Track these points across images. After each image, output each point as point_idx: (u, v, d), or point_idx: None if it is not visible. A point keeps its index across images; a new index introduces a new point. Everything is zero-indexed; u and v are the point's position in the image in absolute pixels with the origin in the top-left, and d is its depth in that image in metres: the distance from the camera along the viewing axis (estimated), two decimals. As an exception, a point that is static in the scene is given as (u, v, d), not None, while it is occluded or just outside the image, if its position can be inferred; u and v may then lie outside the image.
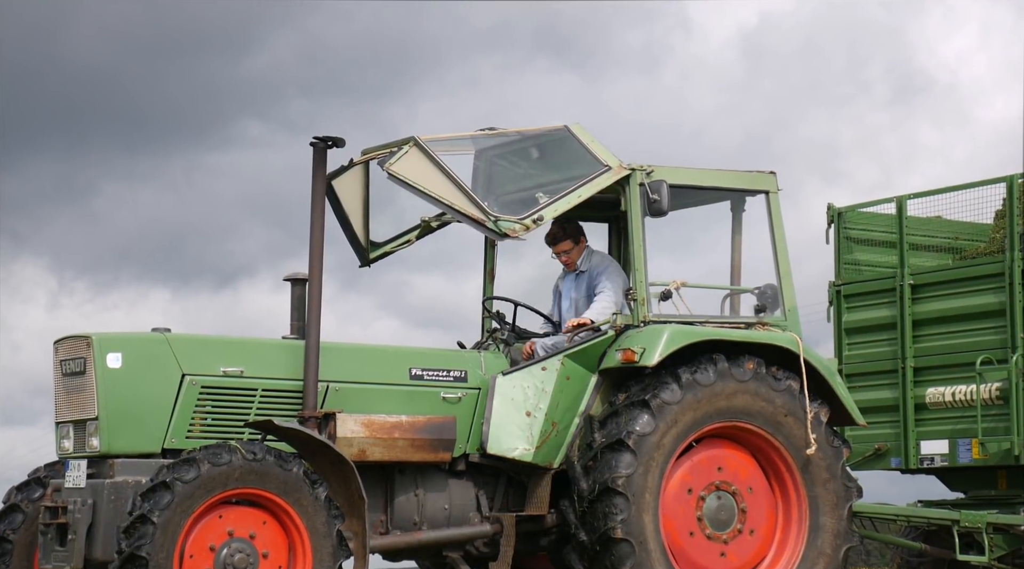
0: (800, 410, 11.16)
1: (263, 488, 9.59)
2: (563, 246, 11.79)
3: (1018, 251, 13.40)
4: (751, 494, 11.13)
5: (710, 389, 10.86)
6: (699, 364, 10.88)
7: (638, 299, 11.09)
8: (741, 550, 11.16)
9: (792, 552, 11.28)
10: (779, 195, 11.74)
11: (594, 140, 11.31)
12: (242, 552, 9.57)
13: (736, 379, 10.93)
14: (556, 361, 11.13)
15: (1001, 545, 13.46)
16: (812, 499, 11.25)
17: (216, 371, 10.20)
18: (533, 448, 10.92)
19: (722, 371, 10.91)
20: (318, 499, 9.71)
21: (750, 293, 11.83)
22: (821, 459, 11.27)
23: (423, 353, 11.01)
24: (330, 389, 10.46)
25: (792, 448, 11.18)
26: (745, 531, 11.14)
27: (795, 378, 11.17)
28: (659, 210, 11.05)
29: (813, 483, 11.24)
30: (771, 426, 11.10)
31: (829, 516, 11.29)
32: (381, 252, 12.26)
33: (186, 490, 9.31)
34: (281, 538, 9.71)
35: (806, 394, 11.20)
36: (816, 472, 11.24)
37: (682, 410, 10.77)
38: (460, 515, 10.92)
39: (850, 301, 14.71)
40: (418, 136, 10.92)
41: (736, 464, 11.11)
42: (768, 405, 11.07)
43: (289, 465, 9.65)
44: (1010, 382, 13.25)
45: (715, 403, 10.90)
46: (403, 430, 10.47)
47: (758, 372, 11.02)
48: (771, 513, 11.26)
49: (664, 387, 10.74)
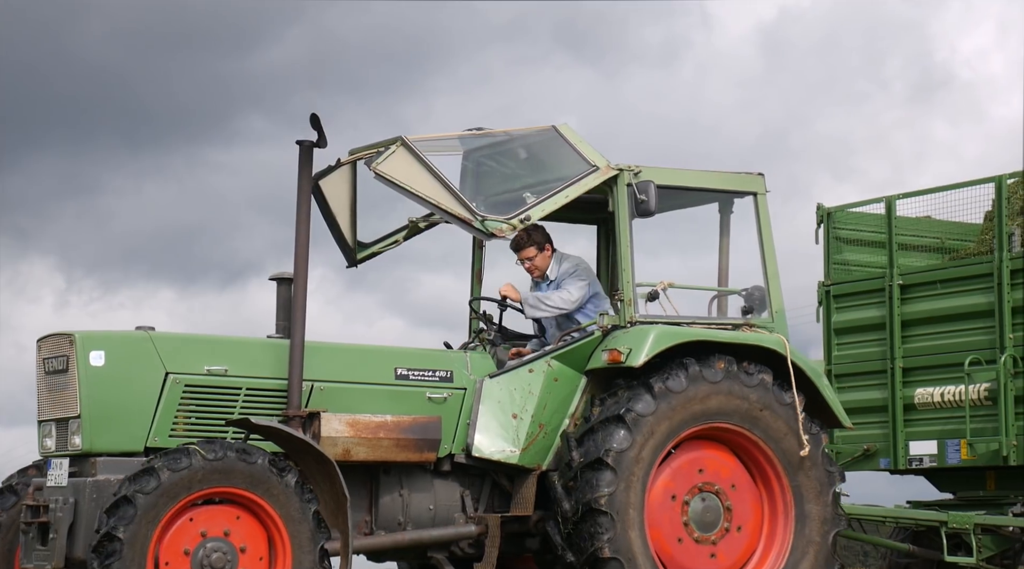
0: (775, 402, 11.10)
1: (229, 485, 9.55)
2: (526, 253, 11.65)
3: (1007, 251, 13.39)
4: (734, 491, 11.11)
5: (683, 395, 10.80)
6: (670, 371, 10.83)
7: (625, 299, 11.06)
8: (730, 548, 11.13)
9: (781, 543, 11.25)
10: (767, 196, 11.72)
11: (582, 140, 11.29)
12: (218, 550, 9.55)
13: (708, 380, 10.89)
14: (543, 363, 11.11)
15: (989, 546, 13.46)
16: (795, 489, 11.20)
17: (200, 370, 10.18)
18: (519, 450, 10.90)
19: (693, 375, 10.87)
20: (288, 486, 9.67)
21: (738, 295, 11.81)
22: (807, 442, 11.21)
23: (408, 353, 10.98)
24: (315, 388, 10.44)
25: (771, 441, 11.12)
26: (733, 529, 11.11)
27: (767, 371, 11.12)
28: (646, 211, 11.02)
29: (795, 473, 11.19)
30: (748, 422, 11.04)
31: (814, 503, 11.24)
32: (369, 252, 12.23)
33: (149, 501, 9.28)
34: (258, 530, 9.68)
35: (795, 395, 11.17)
36: (797, 462, 11.20)
37: (657, 420, 10.71)
38: (445, 516, 10.89)
39: (839, 301, 14.71)
40: (405, 136, 10.90)
41: (717, 463, 11.08)
42: (743, 402, 11.02)
43: (252, 457, 9.61)
44: (998, 383, 13.25)
45: (690, 408, 10.84)
46: (388, 430, 10.44)
47: (729, 370, 10.98)
48: (756, 507, 11.23)
49: (637, 399, 10.70)
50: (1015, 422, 13.24)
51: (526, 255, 11.73)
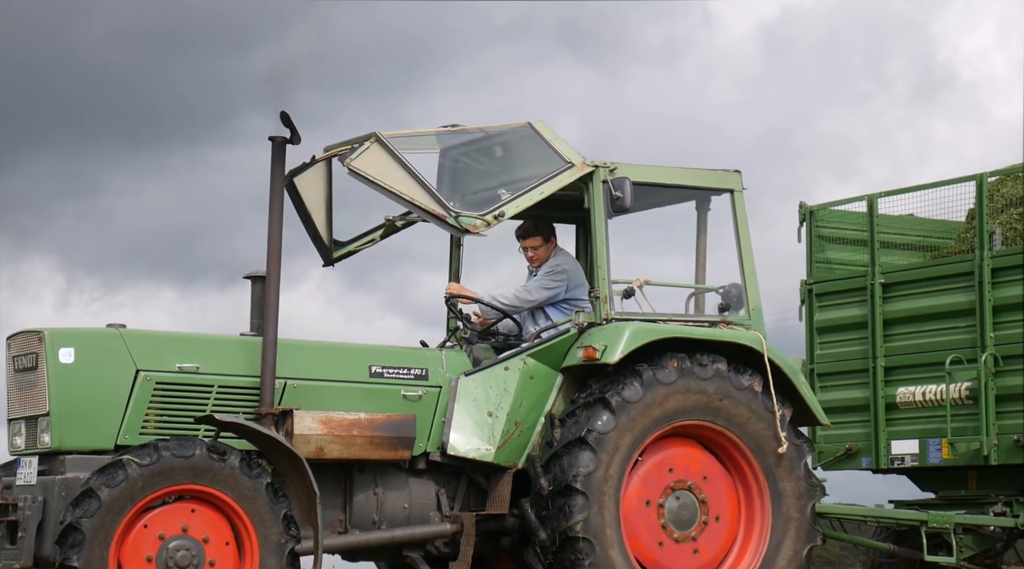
0: (733, 389, 11.06)
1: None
2: (532, 242, 11.71)
3: (987, 250, 13.33)
4: (707, 482, 11.06)
5: (641, 403, 10.77)
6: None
7: (600, 297, 11.02)
8: (712, 540, 11.10)
9: (760, 526, 11.21)
10: (743, 194, 11.68)
11: (557, 137, 11.26)
12: (184, 549, 9.49)
13: (663, 382, 10.85)
14: (519, 360, 11.08)
15: (970, 546, 13.37)
16: (767, 469, 11.18)
17: (171, 367, 10.13)
18: (494, 448, 10.85)
19: (648, 380, 10.83)
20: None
21: (715, 292, 11.77)
22: (767, 428, 11.17)
23: (383, 351, 10.94)
24: (288, 386, 10.39)
25: (735, 427, 11.08)
26: (711, 520, 11.07)
27: (721, 360, 11.09)
28: (622, 207, 10.98)
29: (764, 454, 11.16)
30: (710, 414, 11.03)
31: (787, 480, 11.23)
32: (345, 251, 12.19)
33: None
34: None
35: (772, 392, 11.14)
36: (765, 442, 11.15)
37: (620, 434, 10.68)
38: (420, 514, 10.84)
39: (821, 300, 14.62)
40: (379, 132, 10.86)
41: (685, 459, 11.03)
42: (701, 396, 10.99)
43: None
44: (979, 382, 13.18)
45: (650, 414, 10.81)
46: (362, 427, 10.40)
47: (683, 367, 10.95)
48: (731, 494, 11.20)
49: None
50: (996, 421, 13.16)
51: (532, 244, 11.76)
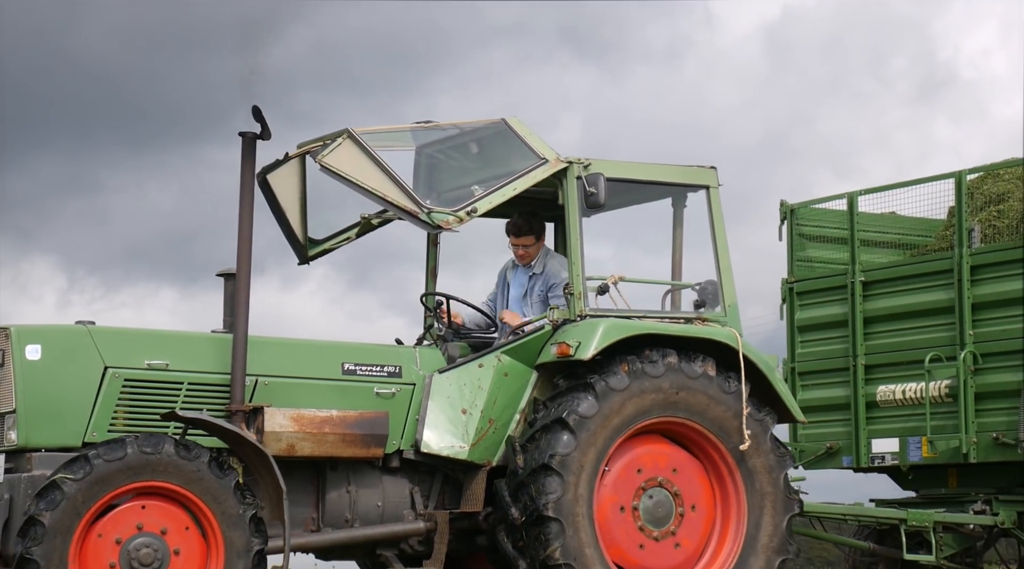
0: (688, 379, 10.93)
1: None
2: (526, 240, 11.65)
3: (966, 247, 13.30)
4: (677, 474, 10.96)
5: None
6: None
7: (575, 293, 10.96)
8: (691, 530, 10.99)
9: (737, 506, 11.07)
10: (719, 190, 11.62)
11: (532, 133, 11.19)
12: (148, 546, 9.42)
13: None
14: (493, 357, 11.00)
15: (950, 544, 13.36)
16: (733, 450, 11.03)
17: (140, 364, 10.05)
18: (468, 445, 10.78)
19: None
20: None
21: (691, 289, 11.70)
22: (727, 410, 11.01)
23: (356, 348, 10.86)
24: (259, 383, 10.31)
25: (695, 416, 10.95)
26: (687, 511, 10.96)
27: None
28: (596, 203, 10.92)
29: (729, 436, 11.01)
30: (669, 409, 10.90)
31: (755, 456, 11.08)
32: (320, 249, 12.12)
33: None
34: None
35: (743, 389, 11.07)
36: (727, 424, 11.01)
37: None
38: (394, 512, 10.76)
39: (803, 299, 14.62)
40: (352, 128, 10.80)
41: (652, 456, 10.94)
42: (657, 394, 10.85)
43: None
44: (959, 379, 13.15)
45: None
46: (333, 425, 10.32)
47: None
48: (703, 480, 11.08)
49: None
50: (975, 419, 13.14)
51: (525, 242, 11.70)
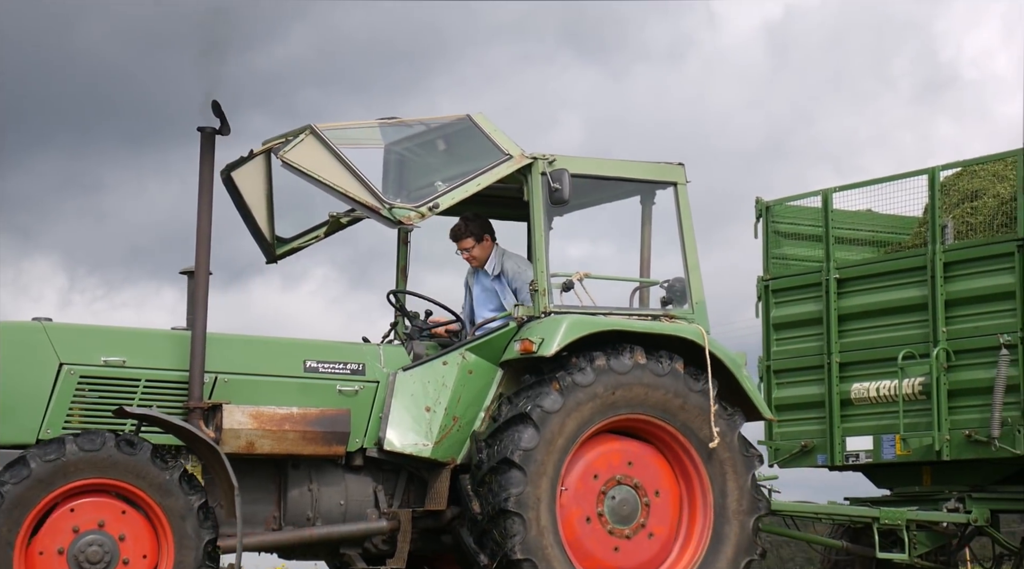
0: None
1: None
2: (466, 243, 11.60)
3: (940, 244, 13.23)
4: (633, 467, 10.86)
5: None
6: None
7: (539, 290, 10.89)
8: (661, 516, 10.91)
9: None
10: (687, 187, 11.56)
11: (497, 129, 11.12)
12: (96, 544, 9.36)
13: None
14: (457, 355, 10.93)
15: (924, 542, 13.28)
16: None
17: (96, 361, 9.99)
18: (432, 443, 10.71)
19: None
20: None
21: (659, 286, 11.63)
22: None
23: (319, 345, 10.80)
24: (219, 380, 10.25)
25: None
26: (652, 499, 10.87)
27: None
28: (560, 199, 10.85)
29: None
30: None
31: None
32: (288, 248, 12.06)
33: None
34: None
35: (710, 386, 11.00)
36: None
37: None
38: (357, 511, 10.69)
39: (778, 296, 14.54)
40: (315, 124, 10.74)
41: (604, 457, 10.82)
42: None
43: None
44: (931, 377, 13.08)
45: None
46: (294, 422, 10.26)
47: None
48: (660, 463, 10.98)
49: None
50: (948, 416, 13.07)
51: (464, 245, 11.66)
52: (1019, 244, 12.69)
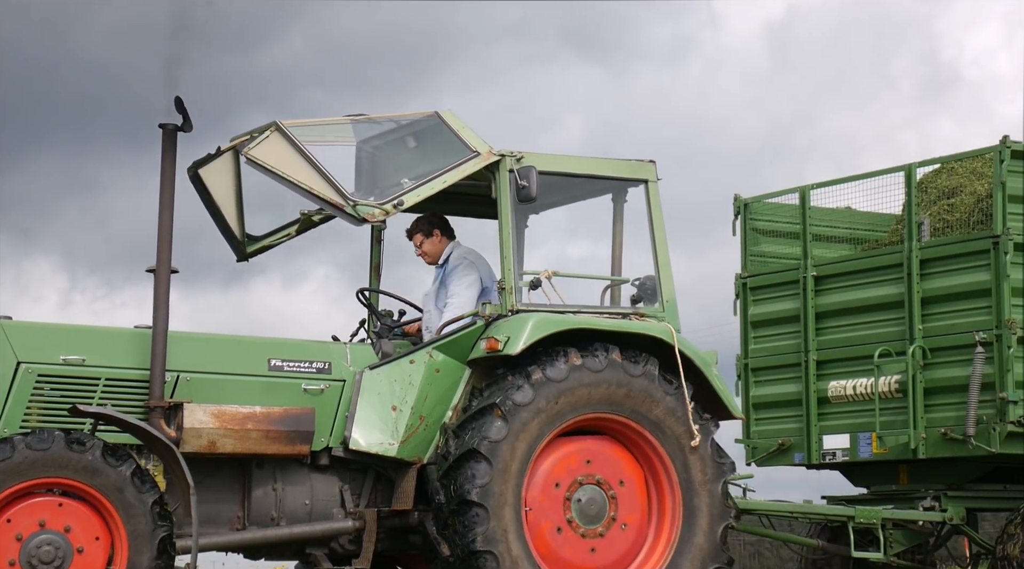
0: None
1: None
2: (415, 240, 11.59)
3: (916, 241, 13.16)
4: (591, 465, 10.74)
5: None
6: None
7: (507, 288, 10.81)
8: (629, 504, 10.81)
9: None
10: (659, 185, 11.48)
11: (464, 126, 11.05)
12: (49, 544, 9.28)
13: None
14: (424, 353, 10.84)
15: (900, 541, 13.21)
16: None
17: (55, 359, 9.90)
18: (397, 443, 10.62)
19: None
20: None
21: (631, 284, 11.56)
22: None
23: (284, 344, 10.72)
24: (180, 379, 10.17)
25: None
26: (618, 490, 10.78)
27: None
28: (527, 197, 10.78)
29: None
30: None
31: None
32: (259, 246, 12.00)
33: None
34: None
35: (684, 386, 10.92)
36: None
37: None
38: (322, 511, 10.61)
39: (756, 294, 14.47)
40: (280, 121, 10.68)
41: (561, 462, 10.70)
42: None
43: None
44: (907, 374, 13.01)
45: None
46: (257, 421, 10.18)
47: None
48: (618, 454, 10.88)
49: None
50: (924, 414, 12.99)
51: (414, 241, 11.64)
52: (995, 241, 12.61)
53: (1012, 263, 12.56)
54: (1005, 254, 12.54)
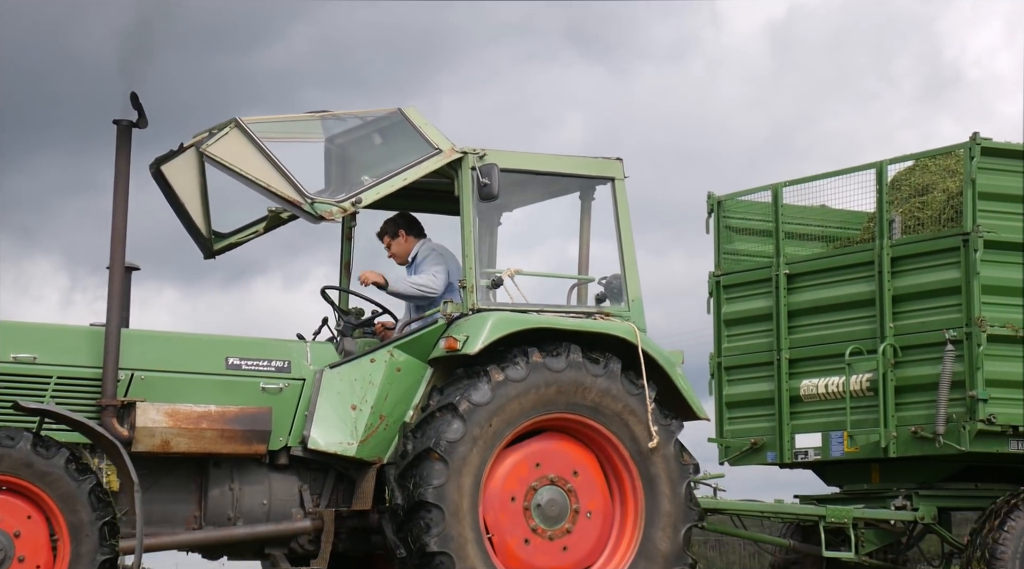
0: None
1: None
2: (384, 242, 11.56)
3: (887, 239, 13.06)
4: (539, 468, 10.65)
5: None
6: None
7: (468, 286, 10.73)
8: (589, 489, 10.72)
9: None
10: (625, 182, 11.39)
11: (428, 123, 10.98)
12: None
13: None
14: (385, 352, 10.77)
15: (872, 540, 13.11)
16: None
17: (6, 357, 9.82)
18: (356, 442, 10.54)
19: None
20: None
21: (597, 283, 11.46)
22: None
23: (242, 342, 10.63)
24: (135, 377, 10.08)
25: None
26: (572, 481, 10.68)
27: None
28: (489, 194, 10.70)
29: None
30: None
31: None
32: (226, 243, 11.92)
33: None
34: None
35: (645, 384, 10.83)
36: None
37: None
38: (281, 510, 10.53)
39: (729, 292, 14.36)
40: (240, 117, 10.61)
41: (514, 472, 10.61)
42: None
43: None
44: (878, 373, 12.91)
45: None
46: (211, 420, 10.10)
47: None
48: (570, 447, 10.80)
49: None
50: (895, 413, 12.90)
51: (384, 244, 11.59)
52: (965, 238, 12.51)
53: (982, 261, 12.45)
54: (975, 252, 12.43)
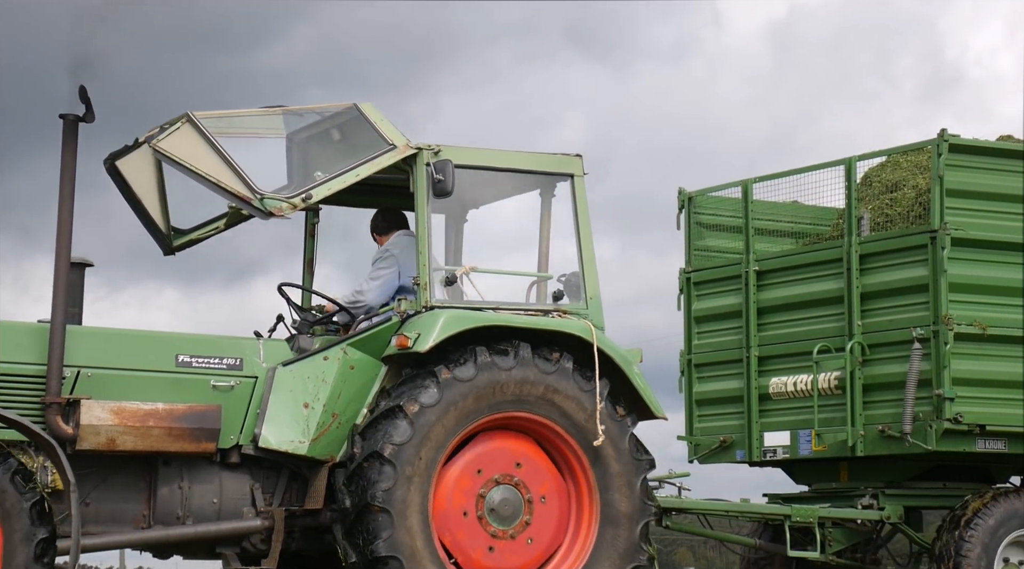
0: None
1: None
2: (376, 240, 11.54)
3: (855, 236, 12.94)
4: (481, 474, 10.57)
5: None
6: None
7: (421, 284, 10.62)
8: (536, 475, 10.67)
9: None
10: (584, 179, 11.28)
11: (383, 118, 10.87)
12: None
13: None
14: (338, 350, 10.66)
15: (839, 540, 13.00)
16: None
17: None
18: (308, 441, 10.43)
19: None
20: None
21: (556, 281, 11.35)
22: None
23: (193, 339, 10.52)
24: (81, 374, 9.96)
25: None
26: (515, 471, 10.62)
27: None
28: (443, 191, 10.59)
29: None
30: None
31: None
32: (186, 240, 11.83)
33: None
34: None
35: (596, 382, 10.72)
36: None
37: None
38: (232, 509, 10.42)
39: (699, 289, 14.24)
40: (191, 112, 10.51)
41: (460, 483, 10.51)
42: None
43: None
44: (846, 371, 12.80)
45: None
46: (159, 418, 9.99)
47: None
48: (510, 442, 10.71)
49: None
50: (863, 411, 12.78)
51: (379, 241, 11.54)
52: (932, 236, 12.39)
53: (950, 258, 12.33)
54: (943, 249, 12.32)
